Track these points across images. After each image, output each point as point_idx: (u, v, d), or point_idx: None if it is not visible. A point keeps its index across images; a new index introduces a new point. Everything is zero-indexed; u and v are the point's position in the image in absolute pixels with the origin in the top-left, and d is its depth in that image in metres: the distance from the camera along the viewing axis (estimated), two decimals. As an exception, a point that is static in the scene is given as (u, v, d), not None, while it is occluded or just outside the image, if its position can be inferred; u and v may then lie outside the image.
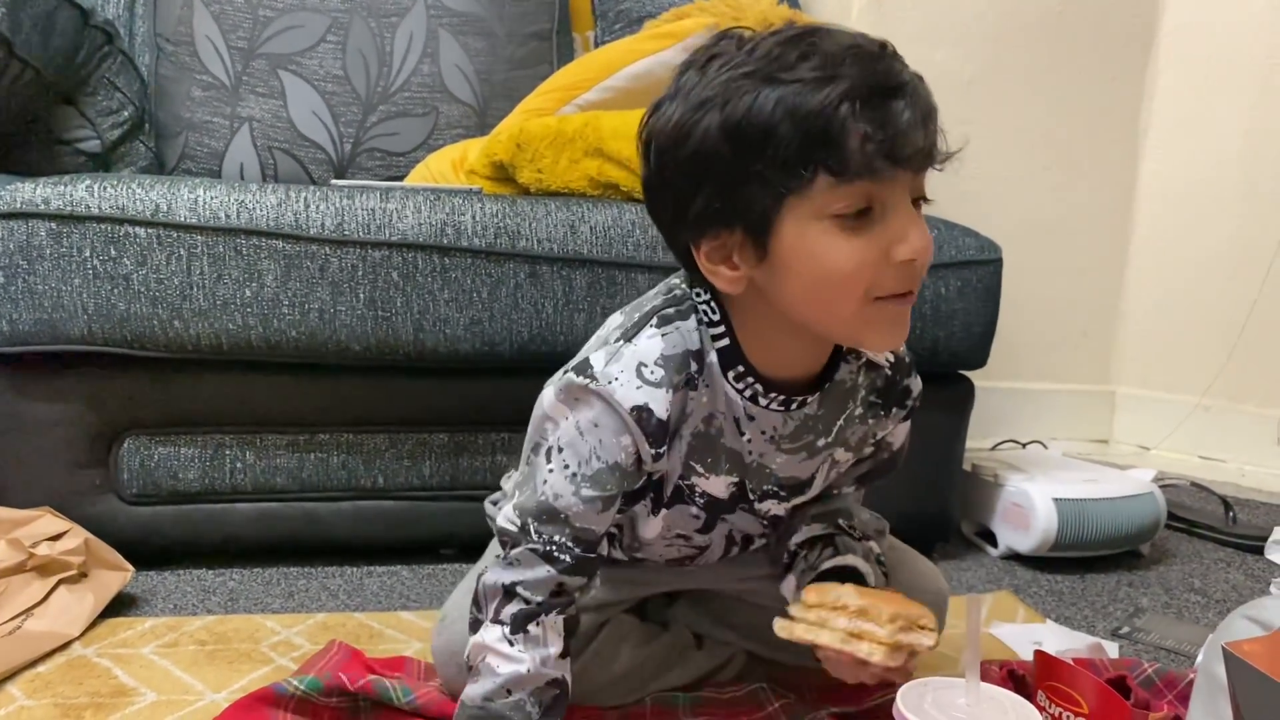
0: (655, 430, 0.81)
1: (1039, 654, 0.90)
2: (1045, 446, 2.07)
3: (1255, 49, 2.20)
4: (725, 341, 0.83)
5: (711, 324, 0.83)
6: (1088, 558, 1.54)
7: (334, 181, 1.40)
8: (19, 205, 1.22)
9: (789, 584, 0.96)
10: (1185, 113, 2.31)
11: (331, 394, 1.35)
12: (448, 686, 0.95)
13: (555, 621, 0.83)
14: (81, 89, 1.69)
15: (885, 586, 0.93)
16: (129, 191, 1.25)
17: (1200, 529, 1.74)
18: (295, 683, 0.92)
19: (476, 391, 1.38)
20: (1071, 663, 0.89)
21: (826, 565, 0.92)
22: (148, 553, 1.32)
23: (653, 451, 0.82)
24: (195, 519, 1.36)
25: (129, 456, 1.32)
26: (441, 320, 1.31)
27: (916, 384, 0.95)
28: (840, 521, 0.96)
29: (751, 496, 0.92)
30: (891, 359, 0.92)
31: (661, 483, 0.89)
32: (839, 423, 0.90)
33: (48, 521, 1.20)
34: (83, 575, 1.19)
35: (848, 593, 0.83)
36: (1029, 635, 1.23)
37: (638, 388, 0.80)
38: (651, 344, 0.82)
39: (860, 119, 0.71)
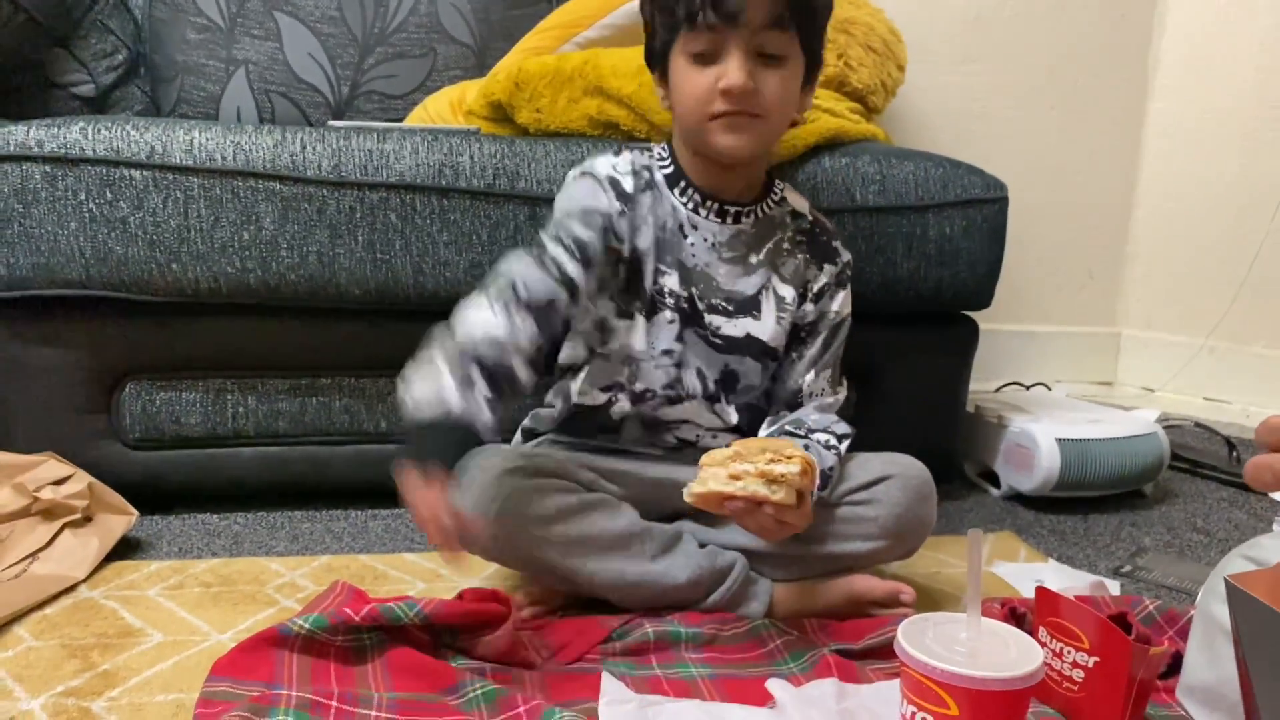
0: (620, 191, 1.09)
1: (1040, 590, 0.91)
2: (1049, 389, 2.06)
3: (1268, -16, 2.16)
4: (670, 168, 1.13)
5: (660, 158, 1.14)
6: (1091, 498, 1.54)
7: (331, 123, 1.39)
8: (13, 148, 1.21)
9: None
10: (1194, 51, 2.27)
11: (333, 337, 1.35)
12: None
13: (521, 349, 1.00)
14: (74, 31, 1.67)
15: (822, 494, 1.05)
16: (124, 134, 1.23)
17: (1204, 469, 1.74)
18: (300, 622, 0.92)
19: (478, 335, 1.37)
20: (1073, 599, 0.89)
21: None
22: (152, 497, 1.33)
23: (618, 206, 1.08)
24: (198, 463, 1.36)
25: (131, 401, 1.32)
26: (441, 263, 1.30)
27: (846, 253, 1.19)
28: (787, 426, 1.13)
29: (700, 305, 1.11)
30: (811, 216, 1.18)
31: (640, 270, 1.09)
32: (768, 245, 1.14)
33: (51, 466, 1.20)
34: (87, 519, 1.19)
35: (726, 448, 0.94)
36: (1031, 574, 1.24)
37: (610, 167, 1.11)
38: (621, 157, 1.13)
39: None
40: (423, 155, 1.29)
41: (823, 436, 1.10)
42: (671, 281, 1.10)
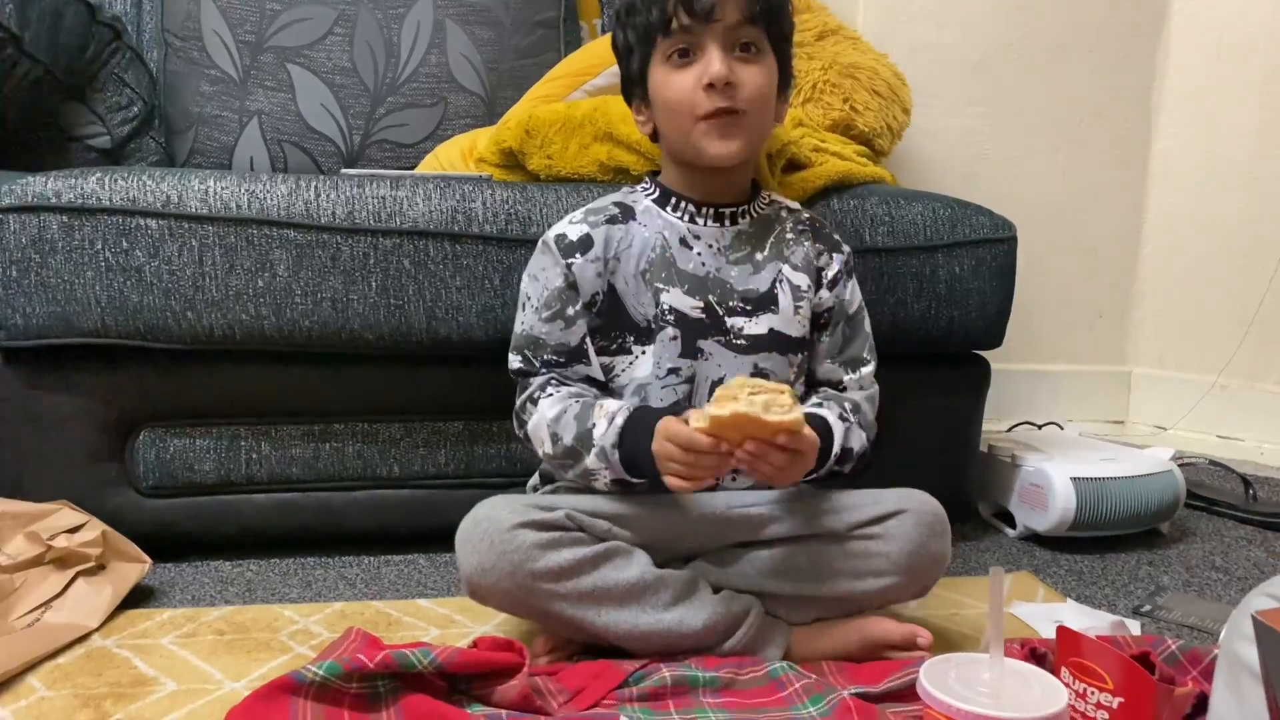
0: (565, 246, 1.12)
1: (1062, 630, 0.90)
2: (1061, 428, 2.06)
3: (1267, 23, 2.18)
4: (656, 193, 1.16)
5: (644, 189, 1.17)
6: (1108, 537, 1.53)
7: (344, 170, 1.40)
8: (30, 199, 1.22)
9: None
10: (1198, 89, 2.29)
11: (346, 384, 1.35)
12: (463, 568, 1.02)
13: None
14: (91, 85, 1.69)
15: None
16: (140, 183, 1.25)
17: (1220, 507, 1.73)
18: (314, 669, 0.92)
19: (490, 379, 1.37)
20: (1095, 639, 0.88)
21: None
22: (165, 544, 1.33)
23: (565, 262, 1.11)
24: (211, 510, 1.36)
25: (145, 449, 1.33)
26: (454, 308, 1.31)
27: (845, 247, 1.21)
28: (828, 391, 1.20)
29: (719, 310, 1.12)
30: (807, 213, 1.22)
31: (622, 303, 1.12)
32: (771, 239, 1.17)
33: (65, 514, 1.20)
34: (101, 567, 1.19)
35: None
36: (1049, 614, 1.22)
37: (561, 228, 1.14)
38: (578, 211, 1.16)
39: None
40: (435, 202, 1.30)
41: (847, 403, 1.16)
42: (673, 298, 1.11)
